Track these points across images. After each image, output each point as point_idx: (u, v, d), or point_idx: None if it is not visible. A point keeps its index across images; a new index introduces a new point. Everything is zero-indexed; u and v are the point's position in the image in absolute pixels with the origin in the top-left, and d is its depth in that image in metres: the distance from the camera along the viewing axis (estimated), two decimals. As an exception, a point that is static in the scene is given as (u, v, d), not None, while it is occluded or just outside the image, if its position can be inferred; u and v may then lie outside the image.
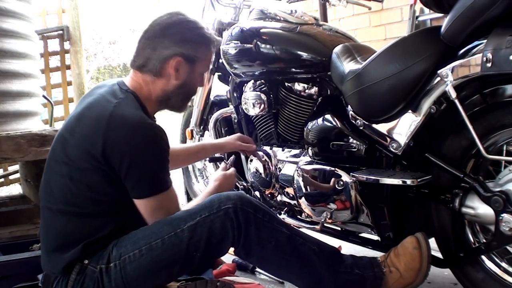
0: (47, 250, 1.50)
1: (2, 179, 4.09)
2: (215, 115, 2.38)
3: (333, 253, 1.55)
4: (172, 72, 1.51)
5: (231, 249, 1.48)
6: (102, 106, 1.44)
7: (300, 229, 1.60)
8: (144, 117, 1.44)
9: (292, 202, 2.00)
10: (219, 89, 2.55)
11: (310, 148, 1.87)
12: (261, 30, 2.04)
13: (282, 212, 2.05)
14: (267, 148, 2.10)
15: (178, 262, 1.42)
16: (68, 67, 4.43)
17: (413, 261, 1.48)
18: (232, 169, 1.77)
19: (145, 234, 1.42)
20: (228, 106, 2.34)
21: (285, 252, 1.47)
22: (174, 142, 2.12)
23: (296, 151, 2.00)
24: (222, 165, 1.83)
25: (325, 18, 3.01)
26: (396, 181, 1.52)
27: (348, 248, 2.19)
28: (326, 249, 1.55)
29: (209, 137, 2.50)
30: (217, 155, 2.41)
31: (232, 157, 1.94)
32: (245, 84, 2.16)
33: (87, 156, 1.40)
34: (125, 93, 1.49)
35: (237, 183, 2.31)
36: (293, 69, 1.96)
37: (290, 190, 1.97)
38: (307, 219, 1.96)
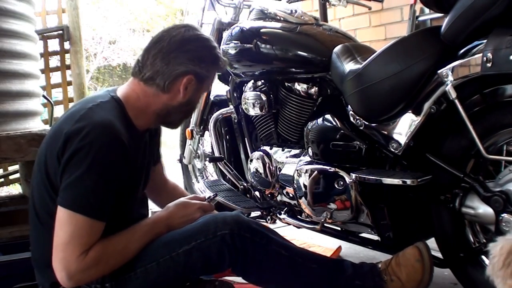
0: (36, 264, 1.46)
1: (2, 179, 4.09)
2: (215, 115, 2.38)
3: (333, 267, 1.53)
4: (181, 90, 1.43)
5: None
6: (79, 107, 1.40)
7: (299, 246, 1.59)
8: (111, 121, 1.33)
9: (292, 202, 1.99)
10: (219, 89, 2.55)
11: (310, 148, 1.87)
12: (261, 30, 2.04)
13: (282, 212, 2.05)
14: (267, 148, 2.10)
15: (174, 284, 1.42)
16: (68, 67, 4.43)
17: (415, 273, 1.46)
18: (206, 205, 1.56)
19: (139, 255, 1.38)
20: (228, 106, 2.34)
21: (283, 274, 1.47)
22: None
23: (296, 151, 1.99)
24: (201, 196, 1.67)
25: (325, 18, 3.01)
26: (396, 181, 1.51)
27: (348, 248, 2.19)
28: (326, 264, 1.53)
29: (209, 137, 2.50)
30: (217, 154, 2.41)
31: (215, 194, 1.73)
32: (245, 84, 2.16)
33: (54, 159, 1.33)
34: (109, 98, 1.42)
35: (237, 183, 2.31)
36: (293, 69, 1.96)
37: (290, 190, 1.97)
38: (307, 219, 1.96)
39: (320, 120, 1.84)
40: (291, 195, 1.98)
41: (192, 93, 1.46)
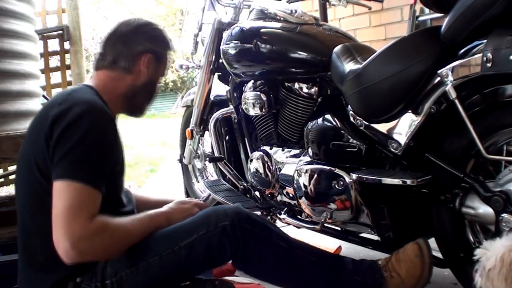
0: (32, 270, 1.41)
1: (2, 179, 4.09)
2: (215, 115, 2.38)
3: (333, 261, 1.54)
4: (143, 69, 1.54)
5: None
6: (56, 97, 1.45)
7: (299, 239, 1.59)
8: (99, 101, 1.42)
9: (292, 202, 1.99)
10: (219, 89, 2.55)
11: (310, 148, 1.87)
12: (261, 30, 2.04)
13: (282, 212, 2.05)
14: (267, 148, 2.10)
15: (176, 278, 1.43)
16: (68, 67, 4.42)
17: (414, 268, 1.47)
18: (202, 203, 1.64)
19: (140, 249, 1.38)
20: (228, 106, 2.34)
21: (283, 266, 1.47)
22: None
23: (296, 151, 2.00)
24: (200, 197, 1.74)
25: (325, 18, 3.01)
26: (396, 181, 1.51)
27: (348, 248, 2.19)
28: (325, 258, 1.54)
29: (209, 137, 2.50)
30: (217, 154, 2.41)
31: (209, 194, 1.78)
32: (245, 84, 2.16)
33: (42, 145, 1.34)
34: (82, 85, 1.51)
35: (237, 183, 2.31)
36: (293, 69, 1.96)
37: (290, 190, 1.97)
38: (307, 219, 1.96)
39: (320, 120, 1.84)
40: (291, 195, 1.98)
41: (153, 71, 1.58)
